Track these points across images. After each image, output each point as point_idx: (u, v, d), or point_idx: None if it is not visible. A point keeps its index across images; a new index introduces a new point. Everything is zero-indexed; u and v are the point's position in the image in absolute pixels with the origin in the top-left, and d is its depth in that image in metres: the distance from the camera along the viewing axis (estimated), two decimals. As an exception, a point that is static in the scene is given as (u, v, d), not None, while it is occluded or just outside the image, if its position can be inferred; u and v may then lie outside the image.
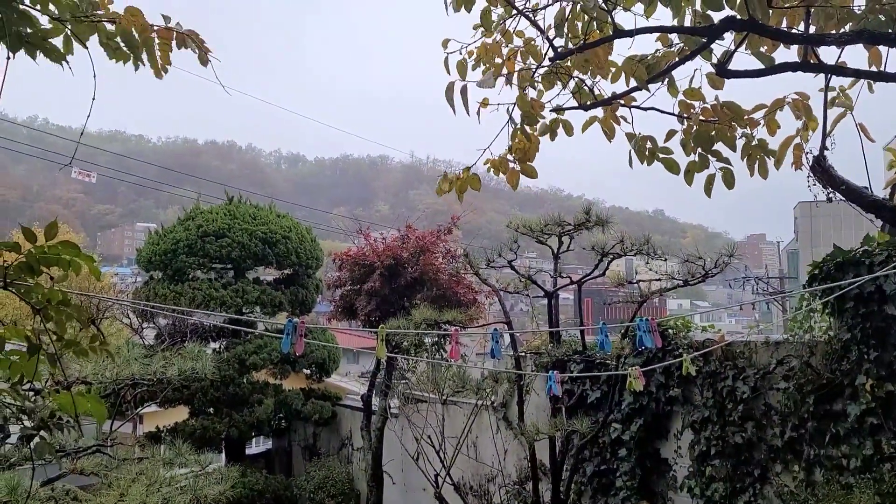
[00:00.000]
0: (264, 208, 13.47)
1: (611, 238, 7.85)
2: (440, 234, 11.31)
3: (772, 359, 6.62)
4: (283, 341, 3.60)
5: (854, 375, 5.79)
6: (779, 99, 4.39)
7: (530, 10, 4.33)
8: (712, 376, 7.02)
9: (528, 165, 4.32)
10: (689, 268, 7.08)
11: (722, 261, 6.80)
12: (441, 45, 4.40)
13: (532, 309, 10.50)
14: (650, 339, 4.07)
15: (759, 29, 3.75)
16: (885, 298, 5.54)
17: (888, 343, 5.56)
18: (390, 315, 10.35)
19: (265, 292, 12.68)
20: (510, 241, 8.17)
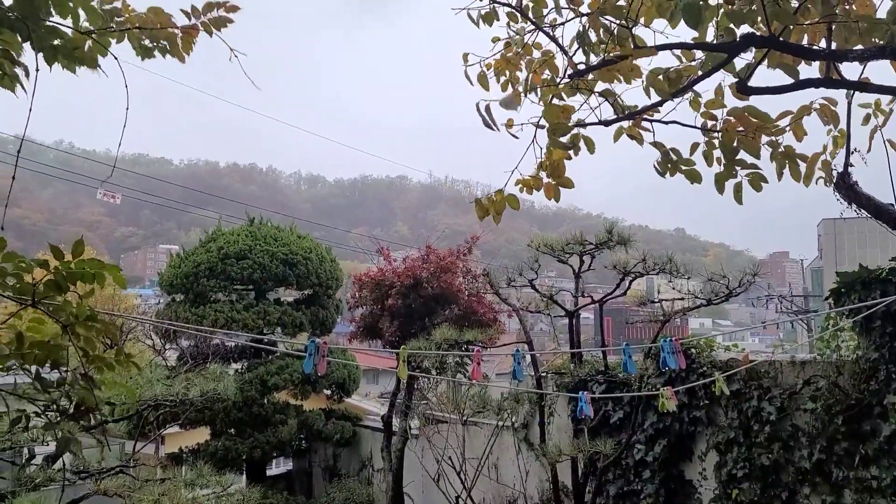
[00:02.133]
0: (285, 229, 13.57)
1: (632, 257, 7.79)
2: (460, 253, 11.30)
3: (798, 379, 6.51)
4: (306, 361, 3.60)
5: (883, 395, 5.67)
6: (805, 105, 4.34)
7: (549, 25, 4.36)
8: (737, 396, 6.91)
9: (564, 178, 4.31)
10: (712, 286, 7.00)
11: (746, 279, 6.72)
12: (461, 59, 4.45)
13: (553, 328, 10.43)
14: (674, 359, 4.02)
15: (780, 45, 3.73)
16: (914, 317, 5.44)
17: (918, 362, 5.44)
18: (411, 335, 10.34)
19: (286, 313, 12.73)
20: (531, 260, 8.14)
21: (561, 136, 4.11)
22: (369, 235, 21.21)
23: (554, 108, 4.18)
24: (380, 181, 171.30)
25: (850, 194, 5.10)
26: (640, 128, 4.53)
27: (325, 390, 13.60)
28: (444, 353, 8.29)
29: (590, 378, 8.26)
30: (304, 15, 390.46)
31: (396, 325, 10.82)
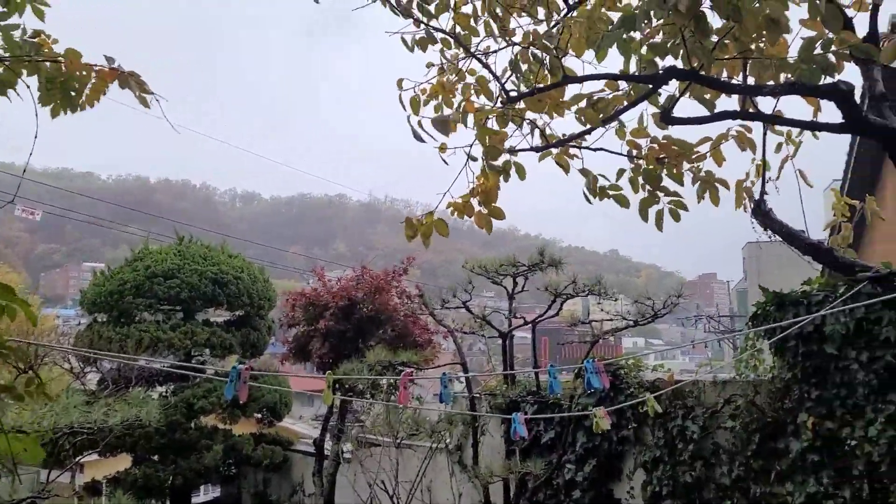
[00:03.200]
0: (215, 248, 13.30)
1: (565, 278, 7.94)
2: (395, 274, 11.30)
3: (719, 398, 6.74)
4: (227, 387, 3.51)
5: (796, 413, 5.93)
6: (723, 133, 4.57)
7: (482, 52, 4.45)
8: (663, 416, 7.09)
9: (494, 207, 4.37)
10: (639, 308, 7.21)
11: (671, 301, 6.94)
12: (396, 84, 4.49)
13: (488, 349, 10.51)
14: (598, 380, 4.11)
15: (699, 79, 3.91)
16: (823, 338, 5.71)
17: (828, 381, 5.72)
18: (344, 356, 10.25)
19: (215, 334, 12.44)
20: (465, 281, 8.21)
21: (494, 159, 4.19)
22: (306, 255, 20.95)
23: (487, 131, 4.26)
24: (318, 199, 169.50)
25: (765, 221, 5.36)
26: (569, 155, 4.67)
27: (255, 414, 13.30)
28: (372, 378, 8.23)
29: (521, 399, 8.35)
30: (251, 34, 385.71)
31: (329, 347, 10.71)
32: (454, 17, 4.35)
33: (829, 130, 4.27)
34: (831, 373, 5.72)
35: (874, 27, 3.71)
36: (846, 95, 3.92)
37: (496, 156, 4.17)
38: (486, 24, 4.41)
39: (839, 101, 3.98)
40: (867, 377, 5.52)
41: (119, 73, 3.11)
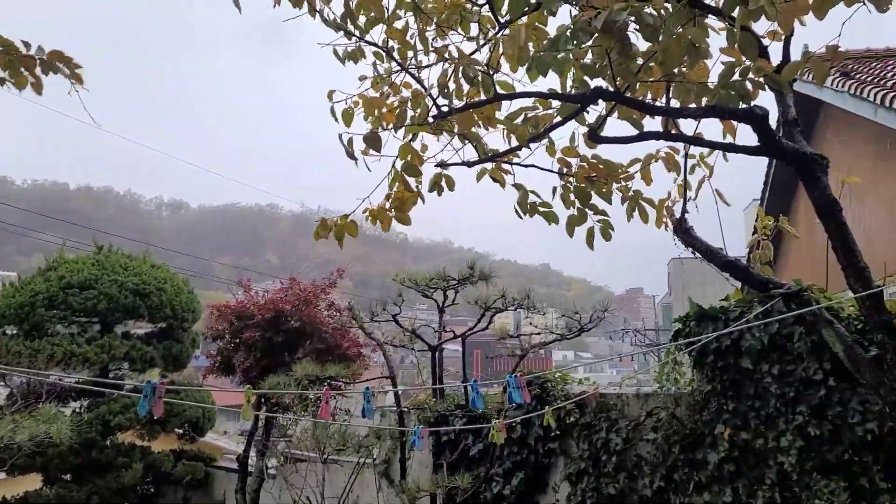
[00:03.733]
0: (137, 258, 12.81)
1: (495, 292, 8.01)
2: (324, 286, 11.15)
3: (642, 410, 6.91)
4: (141, 404, 3.36)
5: (714, 425, 6.13)
6: (651, 154, 4.72)
7: (415, 67, 4.46)
8: (588, 428, 7.22)
9: (403, 214, 4.38)
10: (567, 322, 7.33)
11: (597, 316, 7.09)
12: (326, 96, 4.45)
13: (418, 363, 10.48)
14: (519, 394, 4.15)
15: (624, 100, 4.02)
16: (740, 352, 5.95)
17: (743, 394, 5.94)
18: (271, 370, 10.01)
19: (135, 347, 11.94)
20: (395, 294, 8.17)
21: (411, 176, 4.20)
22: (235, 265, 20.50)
23: (408, 148, 4.27)
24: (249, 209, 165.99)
25: (686, 238, 5.54)
26: (502, 171, 4.73)
27: (176, 429, 12.83)
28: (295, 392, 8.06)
29: (450, 413, 8.35)
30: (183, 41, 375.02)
31: (254, 360, 10.45)
32: (387, 31, 4.35)
33: (744, 153, 4.47)
34: (746, 386, 5.95)
35: (787, 56, 3.92)
36: (761, 120, 4.12)
37: (413, 173, 4.20)
38: (418, 39, 4.43)
39: (754, 125, 4.17)
40: (780, 390, 5.77)
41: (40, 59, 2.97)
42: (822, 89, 10.84)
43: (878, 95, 8.69)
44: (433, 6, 4.35)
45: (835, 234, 4.40)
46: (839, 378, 5.48)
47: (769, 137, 4.24)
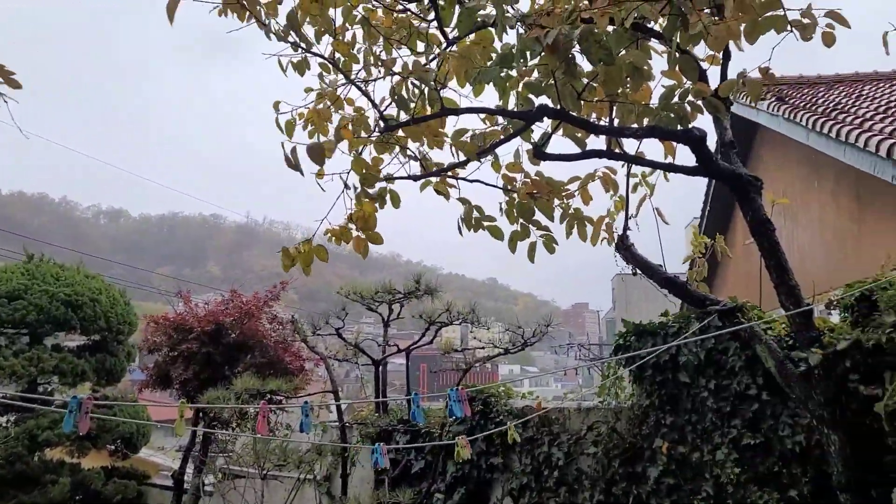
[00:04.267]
0: (70, 268, 12.33)
1: (440, 306, 8.01)
2: (267, 299, 10.96)
3: (583, 425, 7.00)
4: (66, 420, 3.21)
5: (653, 439, 6.25)
6: (590, 173, 4.82)
7: (362, 80, 4.45)
8: (530, 443, 7.26)
9: (374, 233, 4.35)
10: (510, 336, 7.37)
11: (540, 330, 7.15)
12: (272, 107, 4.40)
13: (361, 377, 10.38)
14: (460, 408, 4.15)
15: (568, 118, 4.11)
16: (678, 367, 6.08)
17: (681, 408, 6.08)
18: (210, 384, 9.75)
19: (65, 360, 11.46)
20: (338, 308, 8.09)
21: (370, 187, 4.18)
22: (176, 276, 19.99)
23: (362, 161, 4.26)
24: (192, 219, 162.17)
25: (627, 255, 5.66)
26: (448, 185, 4.75)
27: (108, 446, 12.35)
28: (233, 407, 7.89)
29: (392, 428, 8.28)
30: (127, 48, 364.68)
31: (193, 373, 10.18)
32: (334, 44, 4.33)
33: (683, 172, 4.61)
34: (684, 400, 6.09)
35: (724, 80, 4.06)
36: (699, 141, 4.25)
37: (372, 183, 4.19)
38: (366, 53, 4.42)
39: (692, 146, 4.30)
40: (716, 404, 5.92)
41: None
42: (758, 113, 11.26)
43: (809, 120, 9.08)
44: (382, 21, 4.36)
45: (767, 252, 4.57)
46: (771, 392, 5.66)
47: (706, 158, 4.38)
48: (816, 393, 4.47)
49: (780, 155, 12.06)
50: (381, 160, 4.57)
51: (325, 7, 4.05)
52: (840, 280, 6.37)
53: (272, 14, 4.00)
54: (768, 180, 4.62)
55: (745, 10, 3.13)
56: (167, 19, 3.59)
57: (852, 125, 8.03)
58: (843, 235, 9.89)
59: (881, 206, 8.62)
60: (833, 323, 5.80)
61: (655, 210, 5.37)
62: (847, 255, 9.73)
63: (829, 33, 3.17)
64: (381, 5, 4.32)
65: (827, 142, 8.67)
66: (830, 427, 4.42)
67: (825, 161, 9.56)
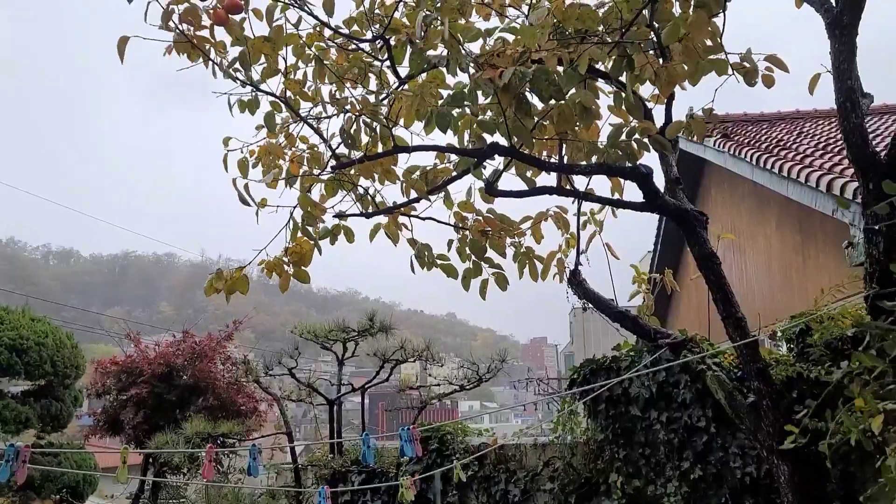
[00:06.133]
0: (15, 311, 11.96)
1: (395, 343, 7.95)
2: (219, 339, 10.74)
3: (539, 461, 6.97)
4: (1, 469, 3.07)
5: (608, 473, 6.25)
6: (542, 212, 4.89)
7: (314, 118, 4.46)
8: (487, 480, 7.19)
9: (301, 270, 4.31)
10: (466, 372, 7.35)
11: (495, 366, 7.15)
12: (222, 143, 4.38)
13: (316, 418, 10.18)
14: (411, 448, 4.10)
15: (519, 156, 4.18)
16: (630, 400, 6.13)
17: (634, 442, 6.11)
18: (160, 428, 9.45)
19: (7, 407, 11.05)
20: (291, 347, 7.97)
21: (311, 226, 4.17)
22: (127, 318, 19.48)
23: (308, 199, 4.25)
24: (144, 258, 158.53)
25: (579, 290, 5.73)
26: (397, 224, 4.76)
27: (52, 495, 11.83)
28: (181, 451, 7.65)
29: (346, 469, 8.11)
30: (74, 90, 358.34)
31: (143, 417, 9.86)
32: (284, 82, 4.35)
33: (631, 208, 4.71)
34: (637, 433, 6.13)
35: (669, 118, 4.20)
36: (645, 178, 4.37)
37: (314, 222, 4.18)
38: (316, 91, 4.45)
39: (640, 182, 4.42)
40: (667, 436, 5.97)
41: None
42: (705, 149, 11.60)
43: (754, 156, 9.38)
44: (334, 60, 4.40)
45: (713, 285, 4.67)
46: (720, 424, 5.74)
47: (653, 194, 4.50)
48: (766, 423, 4.55)
49: (728, 190, 12.42)
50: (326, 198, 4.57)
51: (278, 47, 4.07)
52: (786, 311, 6.55)
53: (222, 53, 4.00)
54: (716, 215, 4.76)
55: (689, 54, 3.26)
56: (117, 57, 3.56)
57: (794, 161, 8.32)
58: (789, 268, 10.17)
59: (823, 238, 8.90)
60: (780, 354, 5.94)
61: (605, 245, 5.46)
62: (793, 286, 10.00)
63: (769, 76, 3.32)
64: (333, 45, 4.35)
65: (771, 177, 8.95)
66: (779, 457, 4.49)
67: (770, 196, 9.87)
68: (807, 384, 5.36)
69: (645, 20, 3.39)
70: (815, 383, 5.12)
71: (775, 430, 4.52)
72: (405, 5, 4.00)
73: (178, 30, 3.77)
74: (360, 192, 4.64)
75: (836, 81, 3.81)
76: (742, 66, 3.25)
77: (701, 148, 11.81)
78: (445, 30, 3.57)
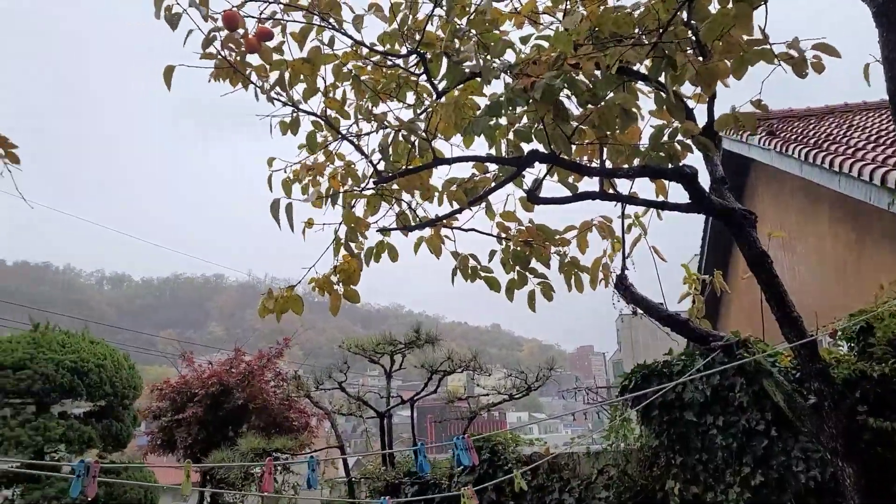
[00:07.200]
0: (76, 335, 12.36)
1: (442, 355, 7.96)
2: (270, 357, 10.91)
3: (593, 469, 6.87)
4: (73, 485, 3.16)
5: (664, 480, 6.12)
6: (586, 221, 4.85)
7: (354, 135, 4.53)
8: (541, 490, 7.12)
9: (351, 289, 4.35)
10: (514, 382, 7.31)
11: (543, 374, 7.09)
12: (266, 164, 4.47)
13: (367, 431, 10.25)
14: (467, 456, 4.09)
15: (559, 162, 4.16)
16: (684, 405, 6.01)
17: (690, 447, 5.97)
18: (215, 445, 9.64)
19: (72, 427, 11.40)
20: (340, 362, 8.05)
21: (353, 241, 4.22)
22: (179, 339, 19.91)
23: (351, 215, 4.30)
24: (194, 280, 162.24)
25: (626, 295, 5.67)
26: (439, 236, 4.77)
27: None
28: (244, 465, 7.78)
29: (399, 481, 8.12)
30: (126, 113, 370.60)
31: (198, 436, 10.07)
32: (325, 101, 4.42)
33: (677, 210, 4.64)
34: (693, 439, 5.99)
35: (711, 118, 4.12)
36: (690, 178, 4.30)
37: (356, 239, 4.22)
38: (356, 108, 4.50)
39: (684, 183, 4.35)
40: (725, 441, 5.82)
41: None
42: (750, 148, 11.37)
43: (802, 152, 9.15)
44: (371, 77, 4.45)
45: (766, 285, 4.56)
46: (781, 427, 5.57)
47: (699, 195, 4.42)
48: (828, 425, 4.42)
49: (775, 188, 12.13)
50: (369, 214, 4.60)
51: (316, 67, 4.14)
52: (842, 310, 6.35)
53: (264, 77, 4.09)
54: (764, 214, 4.65)
55: (730, 49, 3.19)
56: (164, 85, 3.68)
57: (845, 155, 8.09)
58: (843, 264, 9.87)
59: (878, 233, 8.62)
60: (840, 353, 5.76)
61: (652, 248, 5.39)
62: (848, 284, 9.69)
63: (819, 63, 3.19)
64: (370, 62, 4.41)
65: (821, 172, 8.72)
66: (844, 459, 4.35)
67: (821, 192, 9.61)
68: (870, 383, 5.18)
69: (682, 19, 3.35)
70: (879, 382, 4.94)
71: (838, 432, 4.39)
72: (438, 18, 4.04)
73: (219, 55, 3.88)
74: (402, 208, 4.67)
75: (887, 71, 3.70)
76: (789, 55, 3.13)
77: (745, 147, 11.57)
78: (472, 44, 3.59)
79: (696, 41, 3.39)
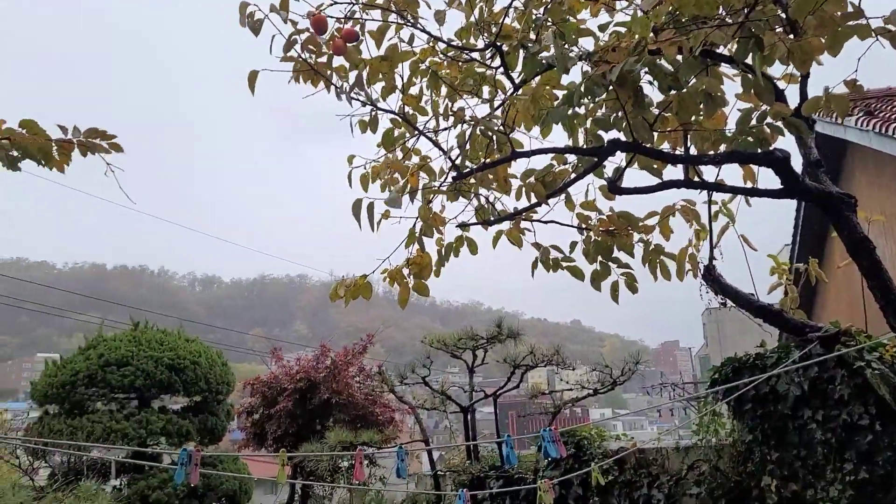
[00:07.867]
0: (172, 333, 13.02)
1: (523, 350, 7.93)
2: (354, 353, 11.16)
3: (683, 464, 6.69)
4: (178, 472, 3.34)
5: (759, 477, 5.90)
6: (668, 206, 4.70)
7: (431, 130, 4.56)
8: (628, 485, 6.99)
9: (421, 283, 4.37)
10: (598, 376, 7.20)
11: (629, 368, 6.95)
12: (346, 161, 4.55)
13: (450, 425, 10.33)
14: (554, 448, 4.05)
15: (641, 150, 4.05)
16: (778, 398, 5.76)
17: (787, 442, 5.73)
18: (304, 439, 9.95)
19: (171, 421, 12.01)
20: (423, 357, 8.14)
21: (429, 236, 4.25)
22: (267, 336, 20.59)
23: (428, 210, 4.33)
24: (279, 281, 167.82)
25: (715, 286, 5.47)
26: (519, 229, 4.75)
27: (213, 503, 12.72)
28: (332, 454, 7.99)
29: (485, 474, 8.15)
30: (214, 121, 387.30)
31: (288, 429, 10.42)
32: (403, 98, 4.46)
33: (768, 196, 4.43)
34: (790, 433, 5.74)
35: (804, 98, 3.92)
36: (782, 162, 4.11)
37: (431, 234, 4.24)
38: (433, 104, 4.53)
39: (776, 168, 4.16)
40: (825, 436, 5.55)
41: (78, 141, 3.04)
42: (846, 129, 10.79)
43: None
44: (448, 72, 4.47)
45: (868, 272, 4.31)
46: (886, 421, 5.27)
47: (792, 179, 4.22)
48: (938, 419, 4.15)
49: (874, 171, 11.47)
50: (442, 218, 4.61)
51: (394, 65, 4.19)
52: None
53: (343, 77, 4.17)
54: (862, 198, 4.39)
55: (824, 24, 3.02)
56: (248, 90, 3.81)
57: (952, 134, 7.59)
58: (953, 250, 9.25)
59: None
60: (950, 343, 5.39)
61: (741, 237, 5.18)
62: (959, 270, 9.08)
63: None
64: (446, 58, 4.42)
65: (924, 153, 8.21)
66: (957, 455, 4.08)
67: (924, 174, 9.04)
68: None
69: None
70: None
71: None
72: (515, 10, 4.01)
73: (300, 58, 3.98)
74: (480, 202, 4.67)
75: None
76: (887, 30, 2.94)
77: (841, 129, 10.99)
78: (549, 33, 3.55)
79: (785, 18, 3.23)
